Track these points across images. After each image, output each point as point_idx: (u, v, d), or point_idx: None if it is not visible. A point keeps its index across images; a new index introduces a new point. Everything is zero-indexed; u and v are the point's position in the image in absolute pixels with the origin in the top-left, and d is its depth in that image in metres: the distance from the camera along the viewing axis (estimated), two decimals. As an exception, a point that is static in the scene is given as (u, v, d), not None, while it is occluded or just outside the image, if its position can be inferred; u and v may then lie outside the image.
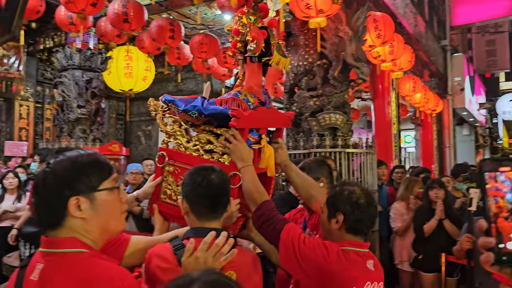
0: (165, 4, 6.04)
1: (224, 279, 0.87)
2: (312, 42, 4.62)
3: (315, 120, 4.55)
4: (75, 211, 1.13)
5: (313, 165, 2.35)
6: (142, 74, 7.89)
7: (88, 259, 1.14)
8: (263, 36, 1.90)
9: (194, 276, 0.86)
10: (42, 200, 1.15)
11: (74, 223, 1.14)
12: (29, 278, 1.14)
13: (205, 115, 1.85)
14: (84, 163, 1.17)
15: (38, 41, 7.94)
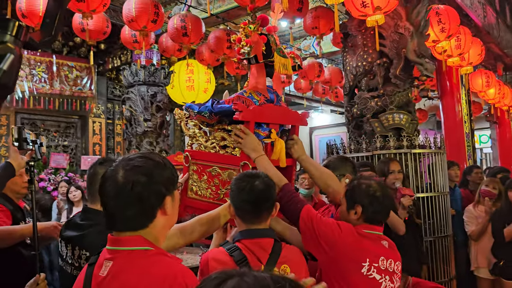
0: (222, 16, 6.17)
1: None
2: (371, 41, 4.48)
3: (378, 121, 4.38)
4: (169, 208, 1.26)
5: (337, 162, 2.52)
6: (203, 86, 8.11)
7: (153, 256, 1.21)
8: (263, 41, 2.11)
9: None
10: (139, 203, 1.20)
11: (160, 222, 1.24)
12: (98, 274, 1.22)
13: (215, 113, 2.09)
14: (167, 165, 1.28)
15: (107, 61, 8.45)
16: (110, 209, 1.23)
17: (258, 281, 0.68)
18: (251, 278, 0.68)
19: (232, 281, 0.68)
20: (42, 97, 7.57)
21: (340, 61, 8.38)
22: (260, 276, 0.69)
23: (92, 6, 4.13)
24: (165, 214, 1.25)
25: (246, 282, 0.67)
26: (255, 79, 2.20)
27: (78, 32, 5.12)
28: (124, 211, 1.21)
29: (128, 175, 1.21)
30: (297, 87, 8.33)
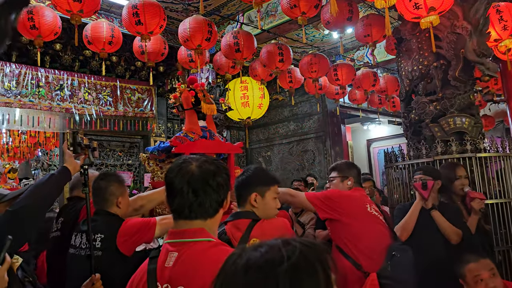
0: (273, 31, 6.27)
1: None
2: (426, 44, 4.35)
3: (438, 126, 4.21)
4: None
5: (343, 166, 3.13)
6: (257, 102, 8.23)
7: (218, 246, 1.32)
8: (192, 94, 3.01)
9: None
10: (212, 192, 1.32)
11: (219, 214, 1.40)
12: (164, 266, 1.31)
13: (161, 151, 2.90)
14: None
15: (166, 83, 8.85)
16: (185, 196, 1.31)
17: (270, 248, 0.74)
18: (264, 247, 0.75)
19: (246, 253, 0.75)
20: (108, 119, 8.05)
21: (395, 70, 8.19)
22: (272, 244, 0.75)
23: (149, 28, 4.37)
24: (224, 208, 1.35)
25: (260, 251, 0.73)
26: (189, 123, 2.95)
27: (138, 54, 5.43)
28: (203, 198, 1.31)
29: (206, 166, 1.33)
30: (351, 98, 8.21)
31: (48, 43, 7.11)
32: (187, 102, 2.99)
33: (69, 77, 7.67)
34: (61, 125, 7.69)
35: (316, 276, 0.70)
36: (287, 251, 0.72)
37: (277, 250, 0.72)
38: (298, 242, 0.75)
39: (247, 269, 0.72)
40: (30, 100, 7.22)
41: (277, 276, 0.69)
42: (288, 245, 0.73)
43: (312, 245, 0.75)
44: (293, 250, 0.72)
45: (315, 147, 9.70)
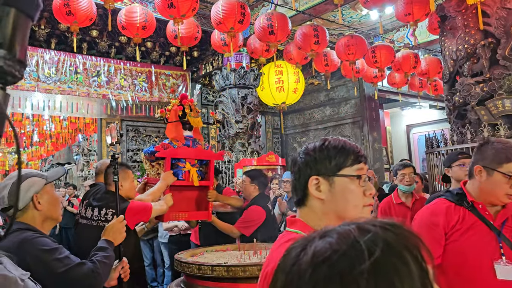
0: (308, 12, 6.08)
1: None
2: (473, 21, 4.06)
3: (484, 109, 3.95)
4: (314, 190, 1.16)
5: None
6: (292, 87, 8.09)
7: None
8: (180, 109, 3.38)
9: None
10: (295, 179, 1.22)
11: (314, 203, 1.18)
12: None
13: (149, 154, 3.38)
14: (328, 146, 1.19)
15: (200, 68, 8.83)
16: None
17: (342, 237, 0.56)
18: (333, 236, 0.57)
19: (313, 246, 0.57)
20: (143, 105, 8.14)
21: (438, 51, 7.80)
22: (344, 231, 0.57)
23: (182, 11, 4.31)
24: (313, 195, 1.19)
25: (329, 242, 0.56)
26: (175, 132, 3.37)
27: (172, 39, 5.40)
28: (294, 188, 1.26)
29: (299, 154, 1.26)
30: (391, 81, 7.90)
31: (85, 30, 7.23)
32: (175, 115, 3.39)
33: (105, 64, 7.79)
34: (99, 110, 7.85)
35: (409, 274, 0.53)
36: (366, 243, 0.54)
37: (353, 240, 0.55)
38: (377, 225, 0.57)
39: (315, 268, 0.54)
40: (69, 86, 7.39)
41: (357, 279, 0.51)
42: (365, 233, 0.56)
43: (395, 228, 0.57)
44: (374, 239, 0.54)
45: (352, 133, 9.46)
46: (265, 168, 6.95)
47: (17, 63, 0.62)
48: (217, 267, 2.63)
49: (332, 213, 1.17)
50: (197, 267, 2.71)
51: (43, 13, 6.80)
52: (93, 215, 2.78)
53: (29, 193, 1.73)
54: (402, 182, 3.75)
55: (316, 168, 1.17)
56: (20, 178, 0.72)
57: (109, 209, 2.73)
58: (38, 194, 1.75)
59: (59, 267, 1.65)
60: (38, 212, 1.76)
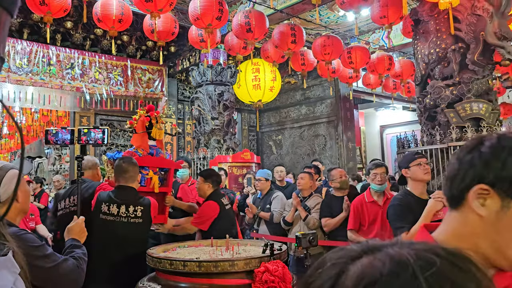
0: (286, 11, 6.12)
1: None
2: (444, 26, 4.19)
3: (453, 111, 4.08)
4: (475, 202, 0.82)
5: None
6: (269, 85, 8.12)
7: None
8: (147, 119, 3.70)
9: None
10: (454, 175, 0.87)
11: (468, 215, 0.84)
12: None
13: (114, 159, 3.57)
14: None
15: (177, 64, 8.76)
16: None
17: (396, 265, 0.45)
18: (385, 261, 0.46)
19: (358, 267, 0.46)
20: (118, 99, 8.02)
21: (411, 54, 7.99)
22: (399, 256, 0.46)
23: (159, 6, 4.28)
24: (471, 206, 0.86)
25: (380, 268, 0.45)
26: (141, 141, 3.67)
27: (149, 33, 5.35)
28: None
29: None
30: (365, 82, 8.05)
31: (59, 21, 7.07)
32: (141, 126, 3.68)
33: (80, 56, 7.63)
34: (72, 103, 7.69)
35: None
36: (428, 281, 0.43)
37: (411, 274, 0.44)
38: (442, 256, 0.46)
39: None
40: (41, 78, 7.21)
41: None
42: (426, 265, 0.45)
43: (465, 263, 0.47)
44: (437, 278, 0.44)
45: (327, 132, 9.58)
46: (240, 165, 6.97)
47: (1, 61, 0.61)
48: (189, 262, 2.63)
49: (487, 240, 0.82)
50: (169, 262, 2.70)
51: (15, 2, 6.60)
52: (120, 212, 3.02)
53: (12, 186, 1.68)
54: (374, 181, 3.84)
55: (486, 175, 0.80)
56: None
57: (137, 206, 3.07)
58: (18, 188, 1.72)
59: (48, 263, 1.70)
60: (16, 204, 1.74)
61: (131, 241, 3.05)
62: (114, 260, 2.94)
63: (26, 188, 1.83)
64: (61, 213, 3.25)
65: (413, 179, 3.03)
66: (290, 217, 4.53)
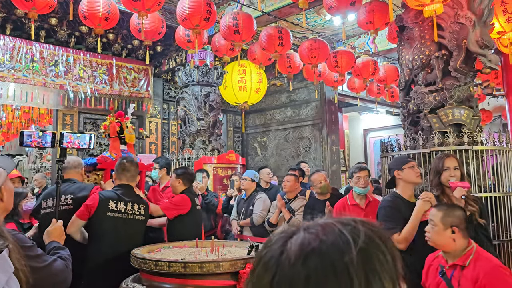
0: (274, 14, 6.16)
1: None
2: (428, 33, 4.26)
3: (436, 117, 4.16)
4: None
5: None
6: (255, 87, 8.15)
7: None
8: (118, 125, 3.99)
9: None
10: None
11: None
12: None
13: (88, 165, 3.86)
14: None
15: (163, 63, 8.72)
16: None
17: (325, 230, 0.61)
18: (316, 228, 0.62)
19: (298, 237, 0.61)
20: (103, 98, 7.94)
21: (396, 60, 8.12)
22: (326, 224, 0.62)
23: (147, 5, 4.26)
24: None
25: (313, 233, 0.60)
26: (113, 146, 3.95)
27: (135, 32, 5.32)
28: None
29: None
30: (350, 86, 8.14)
31: (44, 17, 6.97)
32: (113, 131, 3.94)
33: (64, 53, 7.53)
34: (55, 101, 7.58)
35: (386, 261, 0.59)
36: (350, 234, 0.59)
37: (338, 232, 0.60)
38: (356, 221, 0.63)
39: (306, 258, 0.57)
40: (24, 75, 7.10)
41: (347, 266, 0.56)
42: (346, 226, 0.61)
43: (369, 223, 0.64)
44: (356, 231, 0.60)
45: (312, 135, 9.65)
46: (225, 166, 6.97)
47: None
48: (174, 263, 2.64)
49: None
50: (154, 263, 2.70)
51: (-1, -4, 6.49)
52: (127, 209, 3.24)
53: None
54: (357, 184, 3.89)
55: None
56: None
57: (140, 204, 3.33)
58: (2, 186, 1.69)
59: (40, 263, 1.74)
60: (1, 203, 1.71)
61: (137, 236, 3.30)
62: (123, 254, 3.08)
63: (10, 186, 1.81)
64: (47, 211, 3.30)
65: (405, 181, 3.10)
66: (274, 218, 4.55)
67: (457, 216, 2.34)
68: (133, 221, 3.25)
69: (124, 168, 3.33)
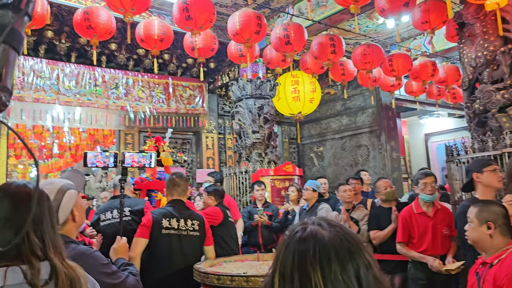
0: (324, 22, 6.09)
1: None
2: (492, 28, 4.01)
3: (506, 116, 3.87)
4: None
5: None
6: (309, 96, 8.08)
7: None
8: (155, 149, 4.28)
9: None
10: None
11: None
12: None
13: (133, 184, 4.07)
14: None
15: (216, 79, 8.91)
16: None
17: (331, 225, 0.92)
18: (324, 224, 0.92)
19: (311, 227, 0.90)
20: (161, 116, 8.23)
21: (456, 59, 7.72)
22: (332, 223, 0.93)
23: (199, 23, 4.37)
24: None
25: (322, 225, 0.91)
26: (151, 169, 4.24)
27: (189, 51, 5.46)
28: None
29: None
30: (408, 90, 7.83)
31: (104, 43, 7.37)
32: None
33: (124, 76, 7.91)
34: (117, 122, 7.96)
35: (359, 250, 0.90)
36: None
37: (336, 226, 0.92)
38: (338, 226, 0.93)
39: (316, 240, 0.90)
40: (88, 98, 7.53)
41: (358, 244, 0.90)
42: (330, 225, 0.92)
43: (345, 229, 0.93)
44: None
45: (369, 142, 9.38)
46: (282, 178, 6.93)
47: (9, 94, 0.65)
48: (237, 277, 2.62)
49: None
50: (216, 277, 2.70)
51: (64, 27, 6.96)
52: (180, 226, 3.27)
53: (69, 207, 1.76)
54: (424, 191, 3.69)
55: None
56: (37, 191, 0.74)
57: (193, 220, 3.30)
58: (74, 207, 1.78)
59: (115, 279, 1.84)
60: (74, 224, 1.80)
61: (192, 252, 3.26)
62: (181, 270, 3.15)
63: (81, 204, 1.89)
64: (107, 223, 3.50)
65: (485, 185, 2.90)
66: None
67: (493, 211, 2.23)
68: (188, 237, 3.24)
69: (175, 184, 3.37)
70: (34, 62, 7.11)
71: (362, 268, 0.85)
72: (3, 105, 0.64)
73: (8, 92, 0.65)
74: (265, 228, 5.06)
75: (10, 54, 0.64)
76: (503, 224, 2.19)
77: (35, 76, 7.11)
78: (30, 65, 7.06)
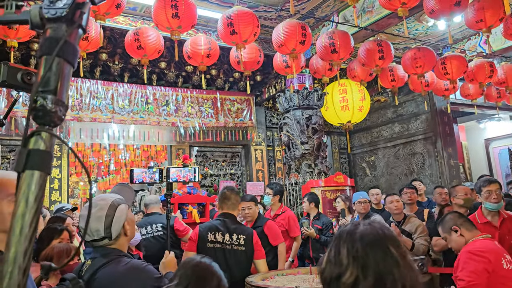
0: (371, 28, 5.95)
1: None
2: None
3: None
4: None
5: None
6: (358, 105, 7.91)
7: None
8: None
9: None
10: None
11: None
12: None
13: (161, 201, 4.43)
14: None
15: (263, 92, 8.94)
16: None
17: (381, 224, 1.08)
18: (376, 223, 1.09)
19: (362, 226, 1.06)
20: (210, 131, 8.36)
21: (516, 58, 7.28)
22: (382, 223, 1.08)
23: (244, 37, 4.40)
24: None
25: (373, 226, 1.06)
26: (180, 184, 4.72)
27: (235, 65, 5.52)
28: None
29: None
30: (464, 93, 7.45)
31: (154, 62, 7.64)
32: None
33: (174, 93, 8.14)
34: (169, 138, 8.17)
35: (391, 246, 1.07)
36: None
37: (385, 228, 1.09)
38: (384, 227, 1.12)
39: (362, 235, 1.06)
40: (141, 116, 7.80)
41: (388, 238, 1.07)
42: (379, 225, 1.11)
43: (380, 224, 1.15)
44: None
45: (424, 149, 9.00)
46: (333, 189, 6.77)
47: (65, 108, 0.66)
48: (289, 291, 2.55)
49: None
50: (268, 291, 2.65)
51: (117, 49, 7.28)
52: (225, 239, 3.27)
53: (121, 222, 1.81)
54: (489, 199, 3.45)
55: None
56: (90, 207, 0.76)
57: (240, 234, 3.24)
58: (126, 221, 1.82)
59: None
60: (126, 237, 1.84)
61: (237, 267, 3.19)
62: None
63: (131, 218, 1.93)
64: (145, 237, 3.85)
65: None
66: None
67: (449, 219, 2.67)
68: (232, 251, 3.20)
69: (225, 197, 3.38)
70: (91, 83, 7.48)
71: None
72: (59, 120, 0.65)
73: (64, 106, 0.65)
74: (316, 241, 4.93)
75: (64, 67, 0.65)
76: (464, 222, 2.64)
77: (92, 97, 7.47)
78: (87, 86, 7.43)
